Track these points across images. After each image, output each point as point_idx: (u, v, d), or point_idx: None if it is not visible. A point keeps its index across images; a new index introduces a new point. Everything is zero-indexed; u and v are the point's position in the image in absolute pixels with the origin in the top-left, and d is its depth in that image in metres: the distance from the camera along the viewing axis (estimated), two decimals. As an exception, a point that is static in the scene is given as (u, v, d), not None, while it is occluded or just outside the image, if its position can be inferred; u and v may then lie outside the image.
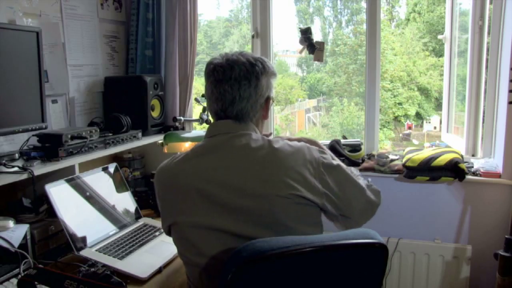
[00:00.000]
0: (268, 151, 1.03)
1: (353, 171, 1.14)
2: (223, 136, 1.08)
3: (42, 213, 1.53)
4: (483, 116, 2.01)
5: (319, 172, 1.03)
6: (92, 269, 1.18)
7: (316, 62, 2.12)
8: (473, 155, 2.07)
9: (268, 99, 1.12)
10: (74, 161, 1.60)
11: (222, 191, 1.00)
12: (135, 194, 1.94)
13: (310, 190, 1.01)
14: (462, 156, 1.93)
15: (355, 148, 2.16)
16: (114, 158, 2.09)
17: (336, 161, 1.10)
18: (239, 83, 1.06)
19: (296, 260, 0.85)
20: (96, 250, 1.44)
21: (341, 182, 1.06)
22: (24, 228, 1.36)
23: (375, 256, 0.90)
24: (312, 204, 1.02)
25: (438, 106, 9.47)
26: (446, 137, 2.39)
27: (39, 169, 1.45)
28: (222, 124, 1.11)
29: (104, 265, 1.28)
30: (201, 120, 2.20)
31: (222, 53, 1.13)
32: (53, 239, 1.51)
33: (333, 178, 1.05)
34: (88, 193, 1.58)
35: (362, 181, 1.13)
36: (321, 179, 1.03)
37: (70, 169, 1.59)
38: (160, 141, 2.01)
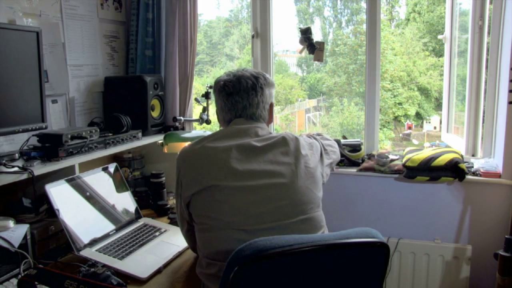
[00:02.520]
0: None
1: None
2: (242, 126, 1.28)
3: (42, 213, 1.53)
4: (483, 116, 2.00)
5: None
6: (92, 269, 1.18)
7: (316, 62, 2.12)
8: (473, 155, 2.07)
9: (271, 105, 1.36)
10: (74, 161, 1.60)
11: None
12: (135, 194, 1.94)
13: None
14: (462, 156, 1.93)
15: (355, 148, 2.16)
16: (114, 158, 2.09)
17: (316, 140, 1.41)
18: (248, 94, 1.29)
19: (298, 259, 0.86)
20: (96, 250, 1.44)
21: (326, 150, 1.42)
22: (24, 228, 1.36)
23: (377, 255, 0.90)
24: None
25: (438, 106, 9.48)
26: (446, 137, 2.39)
27: (39, 169, 1.45)
28: (237, 120, 1.31)
29: (104, 265, 1.28)
30: (201, 120, 2.20)
31: (226, 72, 1.36)
32: (53, 239, 1.51)
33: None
34: (88, 193, 1.58)
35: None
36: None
37: (70, 169, 1.59)
38: (160, 141, 2.01)
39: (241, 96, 1.29)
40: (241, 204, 1.12)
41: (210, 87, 2.21)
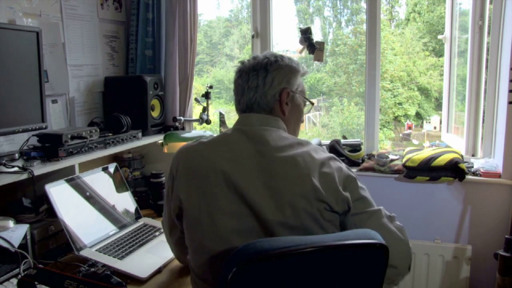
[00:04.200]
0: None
1: None
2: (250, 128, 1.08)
3: (42, 213, 1.53)
4: (483, 116, 2.00)
5: None
6: (92, 269, 1.17)
7: (316, 62, 2.12)
8: (473, 155, 2.07)
9: (282, 93, 1.10)
10: (74, 161, 1.60)
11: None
12: (135, 194, 1.94)
13: None
14: (462, 156, 1.93)
15: (355, 148, 2.16)
16: (114, 158, 2.09)
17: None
18: (248, 75, 1.10)
19: (296, 260, 0.85)
20: (96, 250, 1.44)
21: None
22: (24, 228, 1.36)
23: (376, 257, 0.89)
24: None
25: (438, 106, 9.47)
26: (446, 137, 2.39)
27: (39, 169, 1.45)
28: (242, 117, 1.13)
29: (104, 265, 1.28)
30: (201, 120, 2.20)
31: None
32: (53, 239, 1.51)
33: None
34: (88, 193, 1.58)
35: None
36: None
37: (70, 169, 1.59)
38: (160, 141, 2.01)
39: (242, 77, 1.11)
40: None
41: (210, 87, 2.21)
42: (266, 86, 1.09)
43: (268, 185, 0.97)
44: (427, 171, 1.87)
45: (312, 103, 1.20)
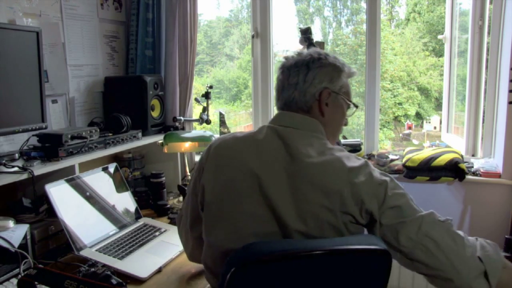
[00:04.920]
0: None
1: None
2: (282, 128, 1.03)
3: (42, 213, 1.53)
4: (483, 116, 2.00)
5: None
6: (92, 269, 1.17)
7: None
8: (473, 155, 2.07)
9: (323, 92, 1.04)
10: (74, 161, 1.60)
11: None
12: (135, 194, 1.94)
13: None
14: (462, 156, 1.93)
15: (355, 148, 2.16)
16: (114, 158, 2.09)
17: None
18: (289, 71, 1.06)
19: (295, 264, 0.84)
20: (96, 250, 1.44)
21: None
22: (24, 228, 1.36)
23: (377, 263, 0.86)
24: None
25: (438, 106, 9.47)
26: (446, 137, 2.39)
27: (39, 169, 1.44)
28: (284, 116, 1.07)
29: (104, 265, 1.28)
30: (201, 120, 2.20)
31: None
32: (53, 239, 1.51)
33: None
34: (88, 193, 1.58)
35: None
36: None
37: (70, 169, 1.59)
38: (160, 141, 2.01)
39: (283, 73, 1.07)
40: None
41: (210, 87, 2.21)
42: (306, 84, 1.03)
43: (294, 190, 0.92)
44: (427, 171, 1.87)
45: (357, 106, 1.12)
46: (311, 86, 1.03)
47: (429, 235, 0.91)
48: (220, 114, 2.47)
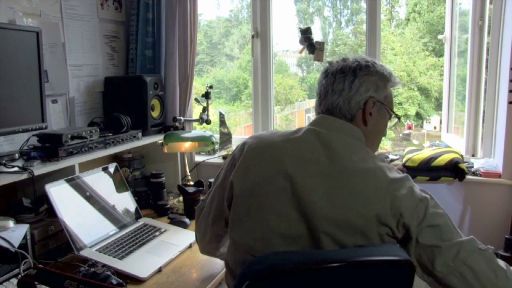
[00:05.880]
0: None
1: None
2: (324, 131, 1.00)
3: (42, 213, 1.53)
4: (483, 116, 2.00)
5: None
6: (92, 269, 1.18)
7: (316, 62, 2.12)
8: (473, 155, 2.07)
9: (368, 102, 1.01)
10: (74, 161, 1.60)
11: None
12: (135, 194, 1.94)
13: None
14: (462, 156, 1.93)
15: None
16: (114, 158, 2.09)
17: None
18: (335, 77, 1.03)
19: (311, 277, 0.80)
20: (96, 250, 1.44)
21: None
22: (24, 228, 1.36)
23: (400, 274, 0.81)
24: None
25: (438, 106, 9.47)
26: (446, 137, 2.39)
27: (39, 169, 1.45)
28: (327, 120, 1.03)
29: (104, 265, 1.28)
30: (201, 120, 2.20)
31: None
32: (53, 239, 1.51)
33: None
34: (88, 193, 1.58)
35: None
36: None
37: (70, 169, 1.59)
38: (160, 141, 2.01)
39: (328, 79, 1.04)
40: None
41: (210, 87, 2.21)
42: (352, 91, 1.01)
43: (330, 194, 0.89)
44: (427, 171, 1.87)
45: (399, 118, 1.11)
46: (357, 94, 1.01)
47: (467, 263, 0.87)
48: (220, 114, 2.47)
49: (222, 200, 1.06)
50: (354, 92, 1.01)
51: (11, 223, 1.34)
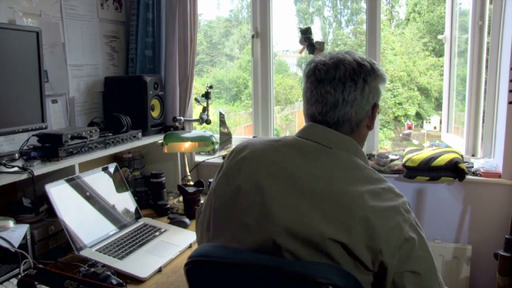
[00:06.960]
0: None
1: None
2: (312, 144, 0.94)
3: (42, 213, 1.53)
4: (483, 116, 2.00)
5: None
6: (92, 269, 1.18)
7: (316, 62, 2.12)
8: (473, 155, 2.07)
9: (375, 107, 0.97)
10: (74, 161, 1.60)
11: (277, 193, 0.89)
12: (135, 194, 1.94)
13: None
14: (462, 156, 1.93)
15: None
16: (114, 158, 2.09)
17: None
18: (344, 85, 0.92)
19: (228, 273, 0.83)
20: (96, 250, 1.44)
21: None
22: (24, 228, 1.36)
23: None
24: None
25: (438, 106, 9.46)
26: (446, 137, 2.39)
27: (39, 169, 1.45)
28: (317, 130, 0.96)
29: (104, 265, 1.28)
30: (201, 120, 2.20)
31: (325, 52, 1.00)
32: (53, 239, 1.51)
33: None
34: (88, 193, 1.58)
35: None
36: None
37: (70, 169, 1.59)
38: (160, 141, 2.01)
39: (335, 86, 0.92)
40: None
41: (210, 87, 2.21)
42: (364, 100, 0.93)
43: (297, 211, 0.84)
44: (427, 171, 1.87)
45: (379, 112, 1.05)
46: (367, 103, 0.94)
47: None
48: (220, 114, 2.47)
49: (211, 208, 1.04)
50: (365, 101, 0.94)
51: (11, 223, 1.34)
